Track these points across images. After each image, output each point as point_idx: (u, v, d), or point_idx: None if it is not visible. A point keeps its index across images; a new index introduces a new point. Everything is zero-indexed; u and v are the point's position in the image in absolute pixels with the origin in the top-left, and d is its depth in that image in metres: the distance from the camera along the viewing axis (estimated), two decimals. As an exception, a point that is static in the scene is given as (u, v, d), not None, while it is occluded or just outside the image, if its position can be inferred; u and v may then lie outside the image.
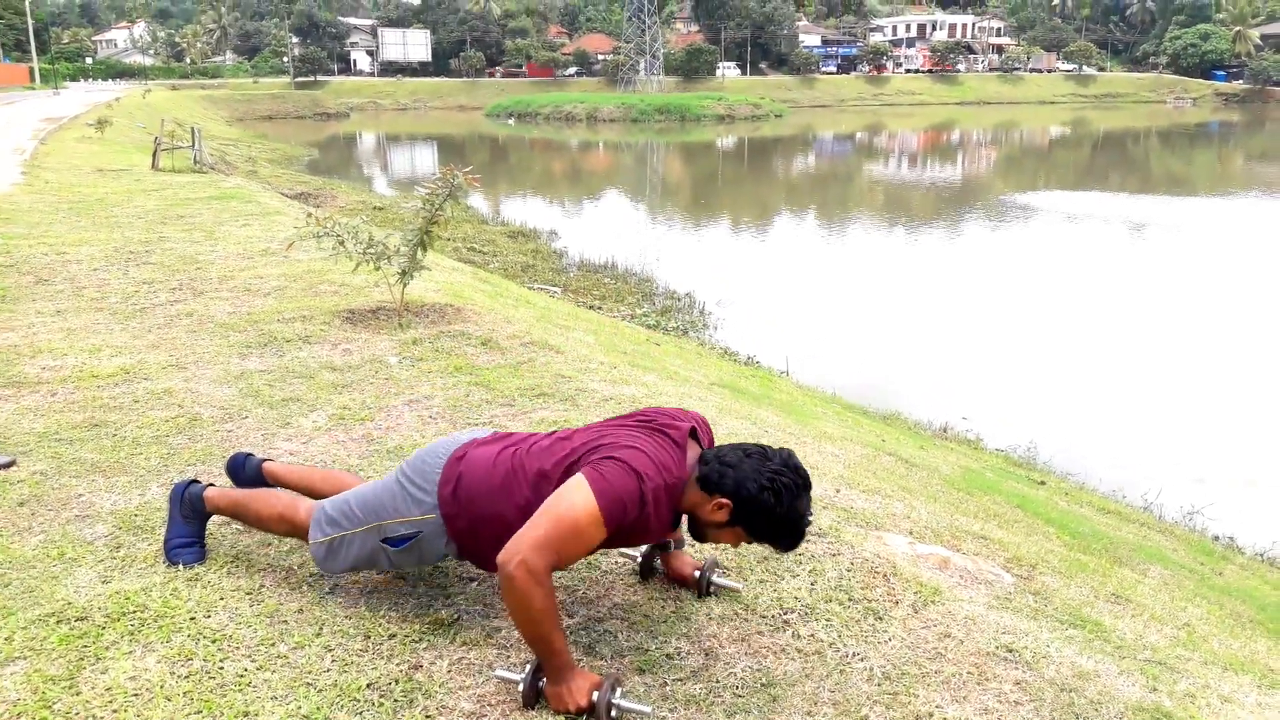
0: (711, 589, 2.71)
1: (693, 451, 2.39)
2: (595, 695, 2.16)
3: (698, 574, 2.71)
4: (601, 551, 2.93)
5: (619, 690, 2.19)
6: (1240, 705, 2.55)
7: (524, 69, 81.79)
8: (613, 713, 2.16)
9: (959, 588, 2.92)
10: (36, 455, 3.64)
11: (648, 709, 2.19)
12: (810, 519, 2.35)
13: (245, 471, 3.07)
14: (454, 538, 2.47)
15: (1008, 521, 4.22)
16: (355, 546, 2.57)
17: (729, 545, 2.43)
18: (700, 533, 2.40)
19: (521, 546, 2.17)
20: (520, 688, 2.21)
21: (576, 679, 2.20)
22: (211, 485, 2.93)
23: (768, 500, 2.26)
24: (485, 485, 2.41)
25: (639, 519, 2.25)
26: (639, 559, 2.80)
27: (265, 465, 3.06)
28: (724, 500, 2.28)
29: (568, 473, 2.30)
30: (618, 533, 2.26)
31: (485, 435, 2.61)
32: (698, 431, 2.47)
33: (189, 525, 2.86)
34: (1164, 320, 12.20)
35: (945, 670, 2.42)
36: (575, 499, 2.20)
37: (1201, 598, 3.99)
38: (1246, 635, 3.50)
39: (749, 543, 2.38)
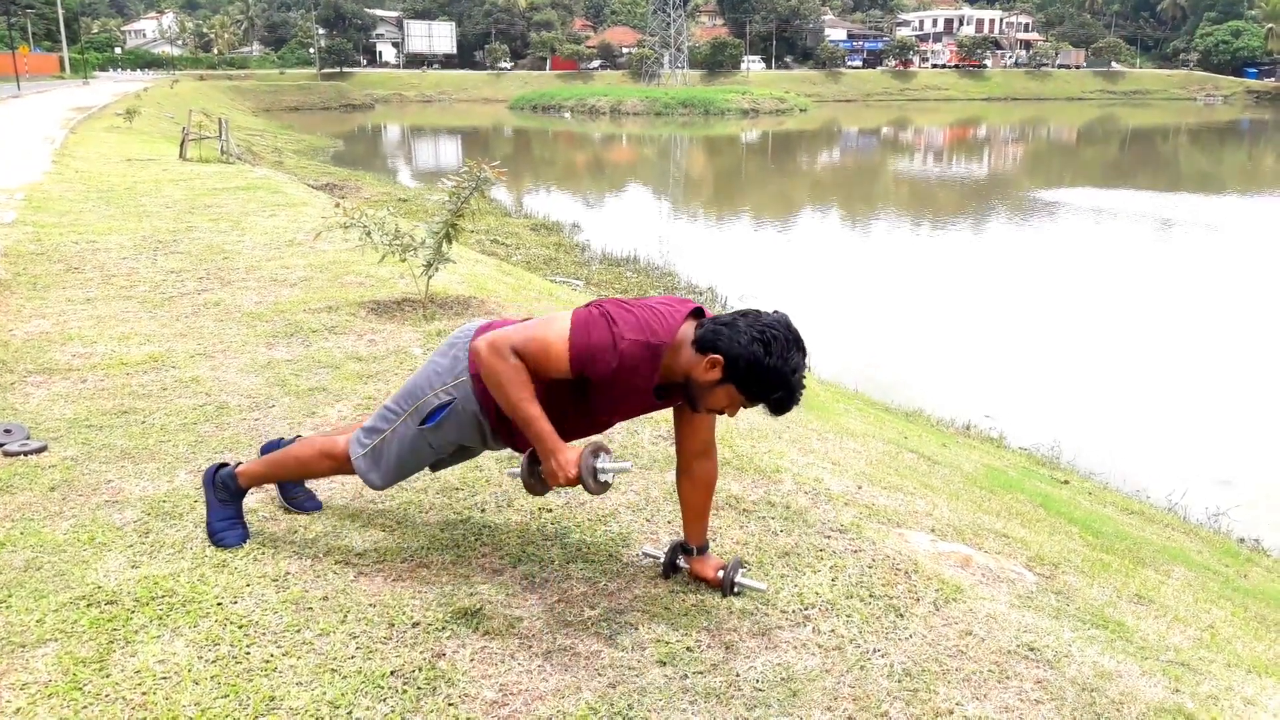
0: (736, 589, 2.71)
1: (689, 325, 2.42)
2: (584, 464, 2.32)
3: (721, 573, 2.71)
4: (623, 545, 2.95)
5: (602, 455, 2.35)
6: (1263, 708, 2.53)
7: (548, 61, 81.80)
8: (599, 476, 2.33)
9: (981, 586, 2.92)
10: (67, 441, 3.70)
11: (628, 465, 2.41)
12: (802, 377, 2.34)
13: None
14: (482, 397, 2.54)
15: (1030, 520, 4.21)
16: (395, 443, 2.64)
17: (725, 413, 2.42)
18: (695, 399, 2.42)
19: (494, 335, 2.35)
20: (520, 473, 2.43)
21: (564, 452, 2.34)
22: (240, 463, 2.98)
23: (757, 351, 2.28)
24: None
25: (616, 370, 2.33)
26: (662, 557, 2.81)
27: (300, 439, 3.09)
28: (716, 356, 2.31)
29: None
30: (597, 378, 2.35)
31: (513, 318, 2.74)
32: (703, 311, 2.50)
33: (227, 507, 2.92)
34: (1191, 320, 12.08)
35: (966, 668, 2.42)
36: (553, 325, 2.35)
37: (1225, 600, 3.96)
38: (1271, 638, 3.47)
39: (746, 405, 2.38)
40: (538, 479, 2.46)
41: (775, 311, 2.39)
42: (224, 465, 2.97)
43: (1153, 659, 2.64)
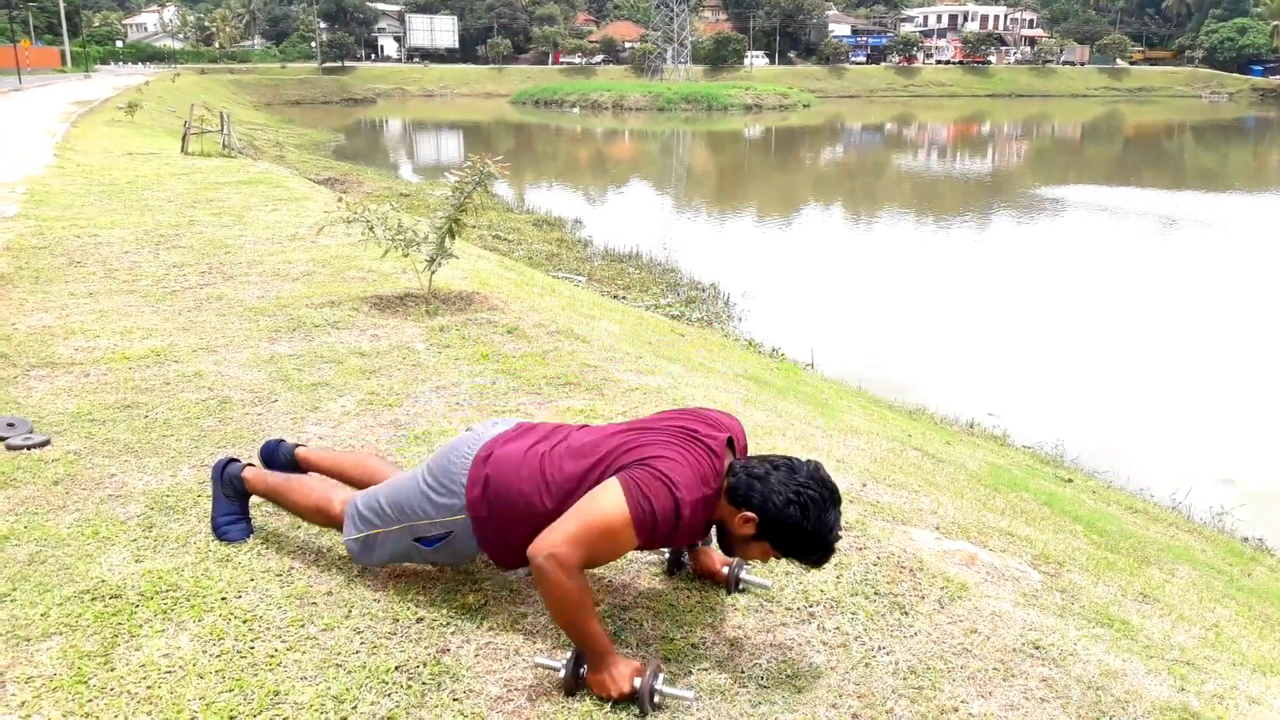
0: (741, 585, 2.70)
1: (726, 461, 2.35)
2: (637, 681, 2.16)
3: (727, 570, 2.70)
4: None
5: (661, 676, 2.19)
6: (1269, 707, 2.53)
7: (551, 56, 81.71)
8: (655, 698, 2.16)
9: (985, 584, 2.91)
10: (70, 435, 3.69)
11: (690, 694, 2.20)
12: (839, 534, 2.29)
13: (279, 458, 3.08)
14: (481, 540, 2.47)
15: (1035, 518, 4.20)
16: (389, 544, 2.59)
17: (760, 561, 2.38)
18: (728, 545, 2.38)
19: (552, 539, 2.17)
20: (561, 674, 2.21)
21: (618, 665, 2.20)
22: (250, 465, 2.97)
23: (794, 515, 2.21)
24: (513, 488, 2.38)
25: (673, 531, 2.24)
26: (666, 554, 2.80)
27: (298, 451, 3.08)
28: (750, 514, 2.25)
29: (601, 478, 2.28)
30: (649, 541, 2.25)
31: (510, 428, 2.58)
32: (734, 441, 2.43)
33: (232, 503, 2.91)
34: (1196, 319, 12.06)
35: (971, 666, 2.42)
36: (606, 503, 2.19)
37: (1230, 599, 3.95)
38: (1276, 637, 3.46)
39: (777, 558, 2.34)
40: (580, 682, 2.22)
41: (809, 462, 2.30)
42: (234, 460, 2.96)
43: (1158, 658, 2.64)
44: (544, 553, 2.16)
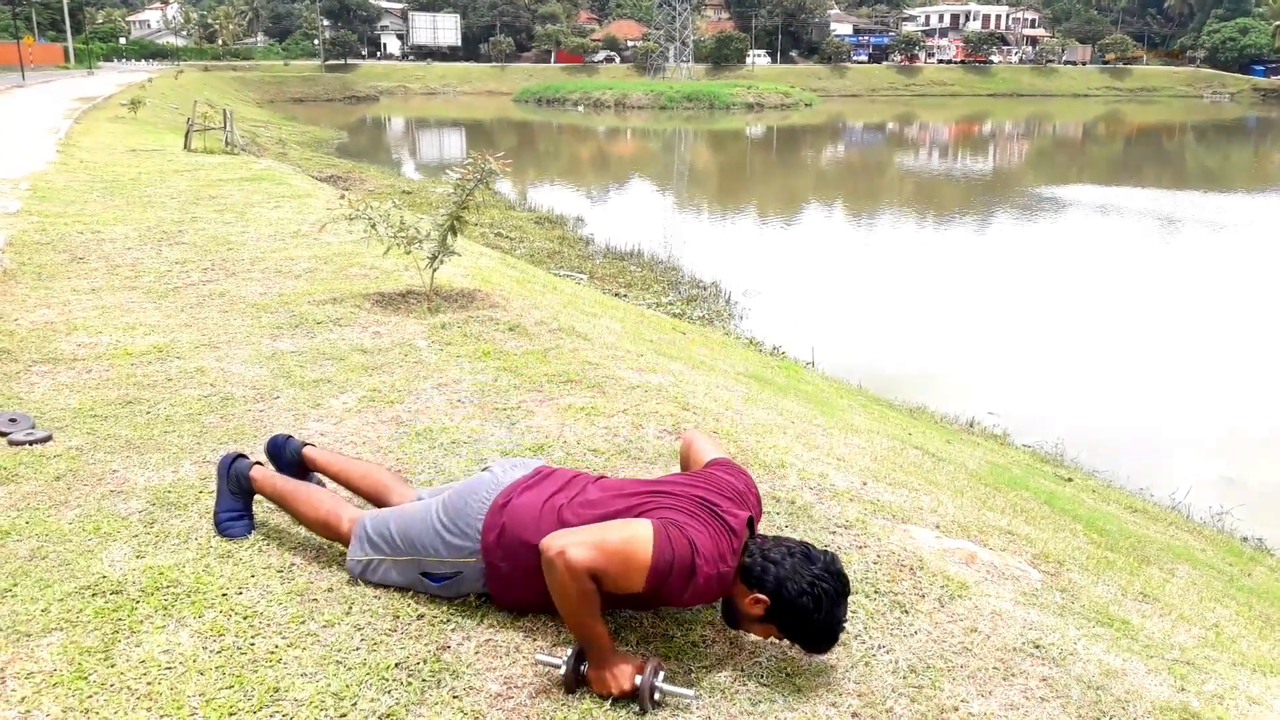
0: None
1: (744, 540, 2.37)
2: (638, 679, 2.17)
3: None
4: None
5: (661, 674, 2.20)
6: (1269, 707, 2.53)
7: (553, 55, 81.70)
8: (655, 695, 2.17)
9: (985, 583, 2.91)
10: (72, 431, 3.70)
11: (690, 692, 2.20)
12: (845, 626, 2.33)
13: (285, 454, 3.07)
14: (489, 583, 2.48)
15: (1035, 517, 4.20)
16: (394, 573, 2.59)
17: (759, 638, 2.41)
18: (734, 620, 2.39)
19: (570, 539, 2.18)
20: (561, 671, 2.22)
21: (619, 663, 2.21)
22: (258, 464, 2.96)
23: (806, 605, 2.24)
24: (530, 541, 2.36)
25: (678, 591, 2.25)
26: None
27: (305, 450, 3.06)
28: (762, 597, 2.27)
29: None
30: (652, 594, 2.25)
31: (529, 473, 2.57)
32: (753, 521, 2.45)
33: (236, 499, 2.91)
34: (1196, 318, 12.05)
35: (971, 665, 2.42)
36: (635, 531, 2.21)
37: (1230, 598, 3.95)
38: (1276, 637, 3.47)
39: (779, 639, 2.36)
40: (580, 679, 2.23)
41: (825, 553, 2.33)
42: (242, 456, 2.95)
43: (1158, 657, 2.64)
44: (556, 548, 2.17)
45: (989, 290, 13.60)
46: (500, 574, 2.45)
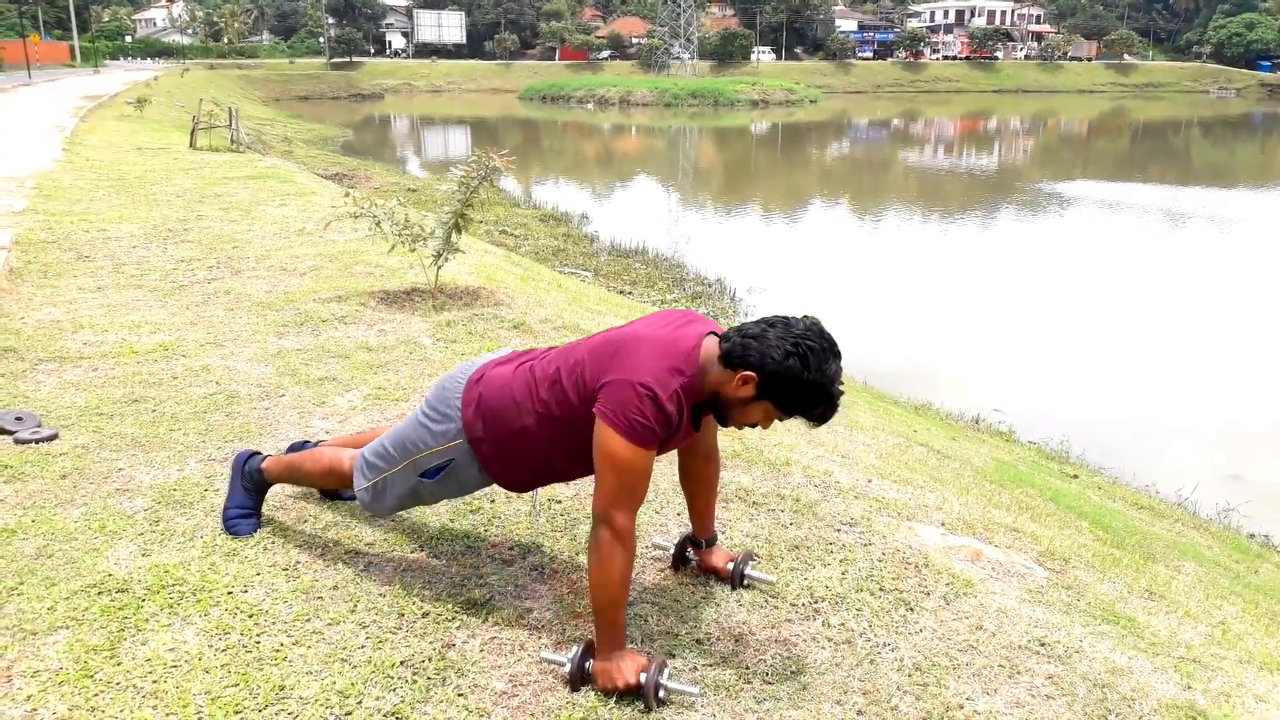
0: (745, 581, 2.70)
1: (710, 341, 2.29)
2: (643, 676, 2.17)
3: (731, 565, 2.70)
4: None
5: (666, 671, 2.20)
6: (1275, 705, 2.52)
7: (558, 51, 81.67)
8: (660, 694, 2.17)
9: (991, 580, 2.91)
10: (78, 429, 3.71)
11: (695, 690, 2.20)
12: (841, 388, 2.21)
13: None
14: (482, 461, 2.49)
15: (1040, 515, 4.19)
16: (397, 485, 2.61)
17: (759, 426, 2.31)
18: (726, 415, 2.31)
19: (599, 508, 2.21)
20: (566, 669, 2.23)
21: (625, 658, 2.22)
22: (269, 455, 2.99)
23: (794, 366, 2.15)
24: (504, 402, 2.41)
25: (674, 427, 2.23)
26: (671, 549, 2.80)
27: (321, 445, 3.08)
28: (749, 374, 2.18)
29: (579, 389, 2.28)
30: (661, 444, 2.25)
31: (504, 354, 2.63)
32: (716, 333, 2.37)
33: (249, 497, 2.93)
34: (1203, 315, 12.01)
35: (976, 662, 2.42)
36: (612, 448, 2.19)
37: (1237, 596, 3.94)
38: (1282, 635, 3.45)
39: (781, 419, 2.26)
40: (585, 677, 2.23)
41: (805, 317, 2.25)
42: (256, 454, 2.98)
43: (1164, 655, 2.63)
44: (598, 519, 2.21)
45: (994, 287, 13.57)
46: (486, 447, 2.45)
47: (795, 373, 2.15)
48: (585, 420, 2.26)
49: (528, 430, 2.38)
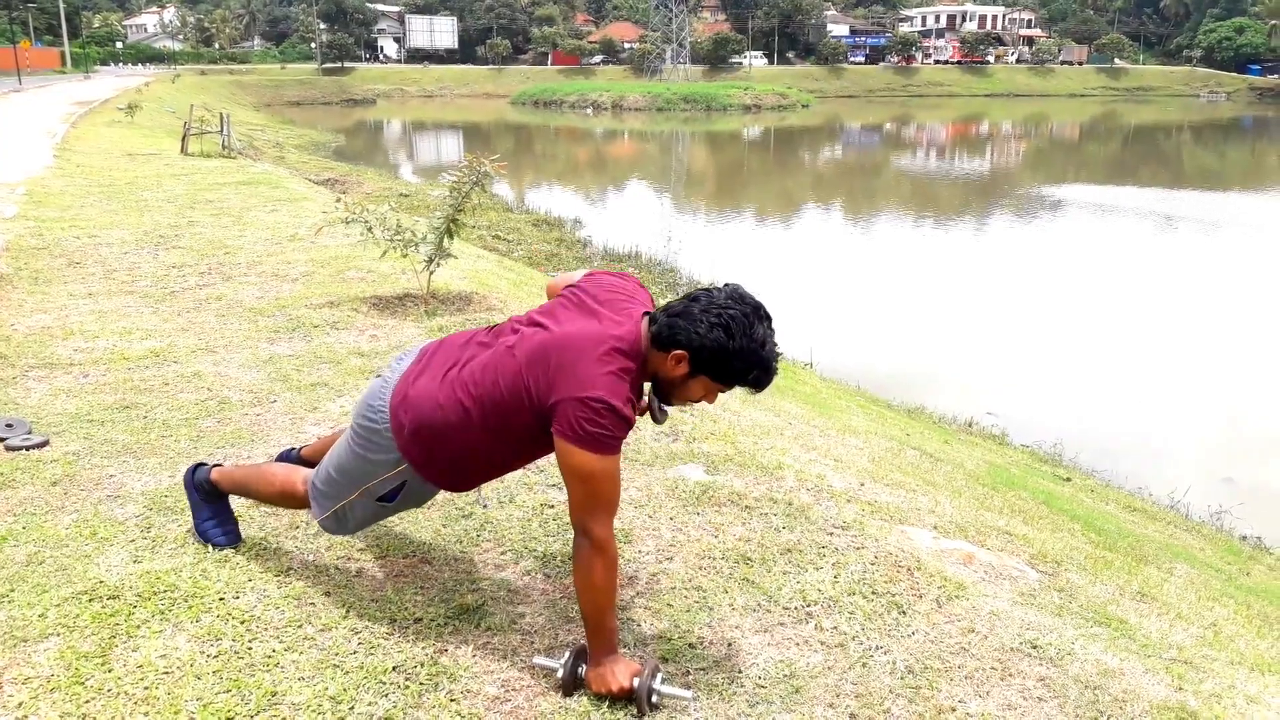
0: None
1: (645, 324, 2.26)
2: (636, 680, 2.16)
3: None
4: (626, 541, 2.95)
5: (659, 675, 2.20)
6: (1267, 706, 2.53)
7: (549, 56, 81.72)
8: (653, 699, 2.16)
9: (983, 583, 2.91)
10: (69, 435, 3.69)
11: (688, 694, 2.20)
12: (774, 349, 2.20)
13: (290, 458, 3.02)
14: (434, 478, 2.44)
15: (1032, 518, 4.20)
16: (357, 510, 2.53)
17: (705, 400, 2.30)
18: (668, 394, 2.31)
19: (576, 520, 2.20)
20: (559, 674, 2.22)
21: (618, 663, 2.21)
22: (218, 465, 2.92)
23: (719, 337, 2.15)
24: (441, 425, 2.31)
25: (631, 424, 2.20)
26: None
27: (305, 453, 3.01)
28: (679, 352, 2.18)
29: (529, 401, 2.20)
30: (624, 435, 2.22)
31: (412, 359, 2.47)
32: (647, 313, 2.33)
33: (212, 504, 2.88)
34: (1194, 318, 12.06)
35: (969, 665, 2.42)
36: (577, 462, 2.14)
37: (1228, 597, 3.95)
38: (1274, 636, 3.47)
39: (723, 390, 2.26)
40: (578, 682, 2.22)
41: (726, 285, 2.26)
42: (201, 465, 2.92)
43: (1155, 657, 2.64)
44: (576, 530, 2.20)
45: (987, 290, 13.61)
46: (430, 467, 2.40)
47: (722, 343, 2.15)
48: (539, 427, 2.22)
49: (473, 445, 2.32)
